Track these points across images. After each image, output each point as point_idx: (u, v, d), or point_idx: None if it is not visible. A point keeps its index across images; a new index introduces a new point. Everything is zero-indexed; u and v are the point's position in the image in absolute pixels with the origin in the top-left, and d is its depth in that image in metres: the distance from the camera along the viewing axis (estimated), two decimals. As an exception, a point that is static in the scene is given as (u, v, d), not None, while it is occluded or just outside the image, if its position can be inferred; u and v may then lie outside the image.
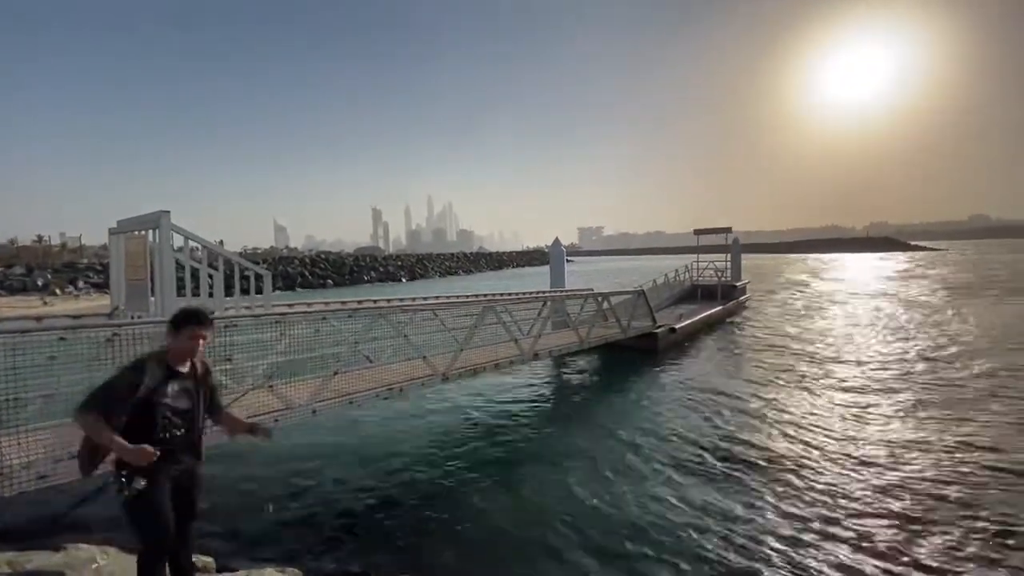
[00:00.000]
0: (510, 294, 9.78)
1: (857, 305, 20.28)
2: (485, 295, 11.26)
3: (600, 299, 10.10)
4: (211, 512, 4.39)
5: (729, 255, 20.72)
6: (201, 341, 2.56)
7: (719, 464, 5.59)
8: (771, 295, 25.13)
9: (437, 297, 8.42)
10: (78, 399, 2.39)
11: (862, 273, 41.89)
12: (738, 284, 20.02)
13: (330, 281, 44.96)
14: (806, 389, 8.50)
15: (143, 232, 5.34)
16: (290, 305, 7.71)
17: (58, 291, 32.32)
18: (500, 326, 7.75)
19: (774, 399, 7.98)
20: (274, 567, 3.51)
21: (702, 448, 6.06)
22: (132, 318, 5.07)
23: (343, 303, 6.85)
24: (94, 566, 3.18)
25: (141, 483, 2.33)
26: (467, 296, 8.28)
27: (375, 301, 7.61)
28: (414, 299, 8.19)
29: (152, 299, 5.64)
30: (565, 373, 10.45)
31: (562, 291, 12.29)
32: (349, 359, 5.63)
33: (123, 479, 2.33)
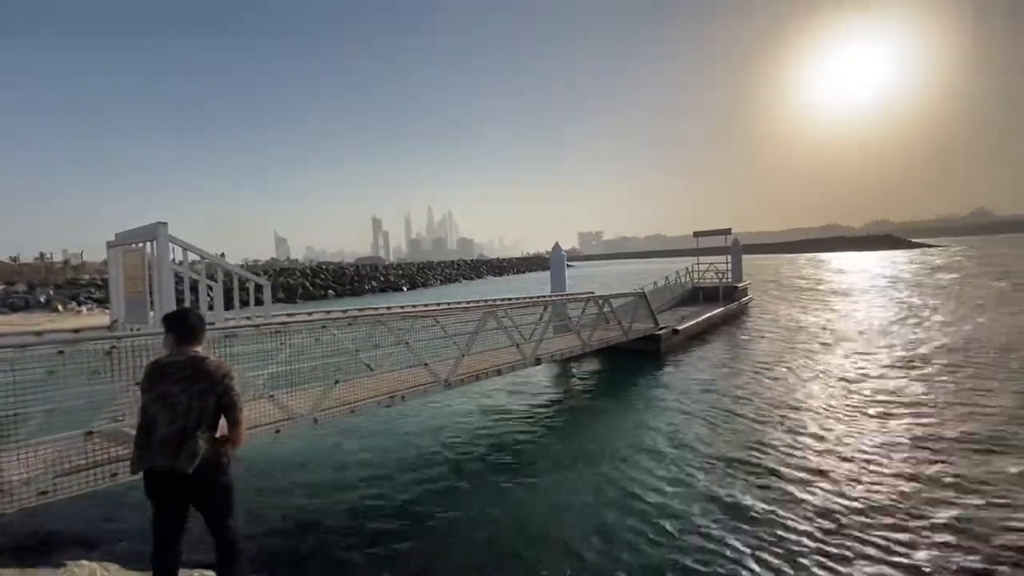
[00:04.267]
0: (511, 299, 9.75)
1: (858, 303, 20.25)
2: (486, 301, 11.24)
3: (601, 302, 10.07)
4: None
5: (729, 257, 20.71)
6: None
7: (728, 468, 5.53)
8: (772, 295, 25.06)
9: (438, 304, 8.40)
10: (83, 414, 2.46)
11: (860, 272, 41.80)
12: (739, 285, 19.98)
13: (331, 291, 44.97)
14: (813, 389, 8.44)
15: (141, 244, 5.34)
16: (290, 315, 7.69)
17: (60, 308, 32.38)
18: (502, 331, 7.72)
19: (781, 400, 7.92)
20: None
21: (710, 451, 6.01)
22: (131, 331, 5.05)
23: (343, 311, 6.83)
24: (95, 582, 3.14)
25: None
26: (468, 302, 8.27)
27: (375, 309, 7.59)
28: (415, 306, 8.16)
29: (151, 312, 5.62)
30: (568, 377, 10.42)
31: (563, 295, 12.26)
32: (350, 368, 5.61)
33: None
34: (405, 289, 51.26)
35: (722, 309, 16.89)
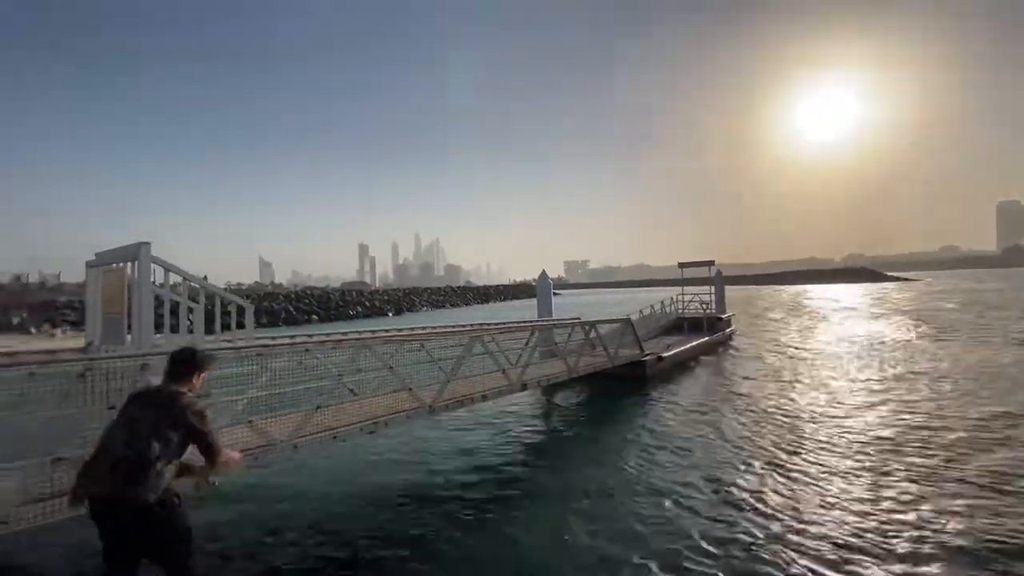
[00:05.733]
0: (498, 324, 9.76)
1: (838, 333, 20.63)
2: (472, 325, 11.21)
3: (588, 328, 10.11)
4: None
5: (713, 288, 21.04)
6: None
7: (711, 496, 5.48)
8: (754, 326, 25.39)
9: (424, 328, 8.34)
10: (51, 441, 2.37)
11: (839, 303, 42.72)
12: (723, 316, 20.25)
13: (315, 316, 44.42)
14: (794, 416, 8.48)
15: (122, 265, 5.26)
16: (273, 338, 7.56)
17: (33, 330, 31.39)
18: (487, 356, 7.68)
19: (763, 428, 7.93)
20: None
21: (693, 478, 5.96)
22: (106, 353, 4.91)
23: (327, 335, 6.74)
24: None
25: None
26: (455, 326, 8.24)
27: (360, 333, 7.51)
28: (400, 330, 8.09)
29: (129, 335, 5.49)
30: (554, 403, 10.34)
31: (549, 320, 12.28)
32: (333, 392, 5.50)
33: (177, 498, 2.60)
34: (391, 315, 50.86)
35: (707, 338, 17.05)
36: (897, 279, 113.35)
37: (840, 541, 4.40)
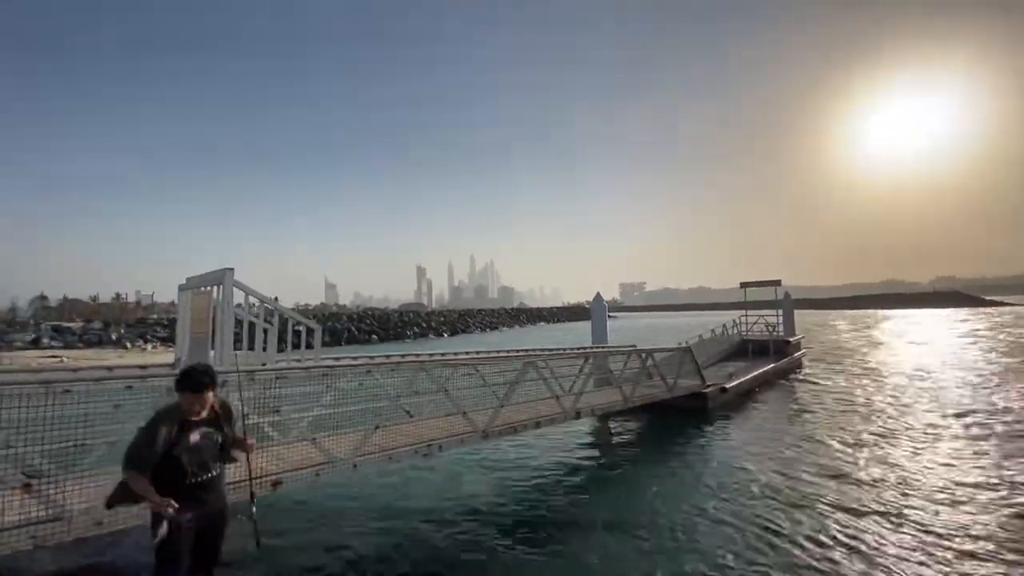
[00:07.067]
0: (551, 350, 9.70)
1: (932, 363, 18.69)
2: (526, 350, 11.23)
3: (644, 356, 9.83)
4: (247, 568, 4.38)
5: (780, 310, 19.92)
6: (198, 405, 2.72)
7: (779, 541, 5.10)
8: (828, 352, 23.57)
9: (478, 352, 8.46)
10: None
11: (932, 328, 38.85)
12: (792, 340, 19.04)
13: (375, 336, 46.13)
14: (879, 454, 7.76)
15: (208, 288, 5.76)
16: (337, 359, 7.94)
17: (128, 345, 34.68)
18: (541, 382, 7.64)
19: (842, 466, 7.30)
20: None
21: (761, 521, 5.56)
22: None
23: (387, 357, 6.99)
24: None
25: (164, 530, 2.55)
26: (508, 351, 8.29)
27: (417, 356, 7.73)
28: (456, 354, 8.25)
29: (212, 352, 5.96)
30: (608, 433, 10.03)
31: (604, 347, 12.07)
32: (390, 413, 5.67)
33: (152, 527, 2.63)
34: (446, 335, 51.87)
35: (773, 365, 16.05)
36: (996, 303, 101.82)
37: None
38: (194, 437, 2.67)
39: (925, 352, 22.85)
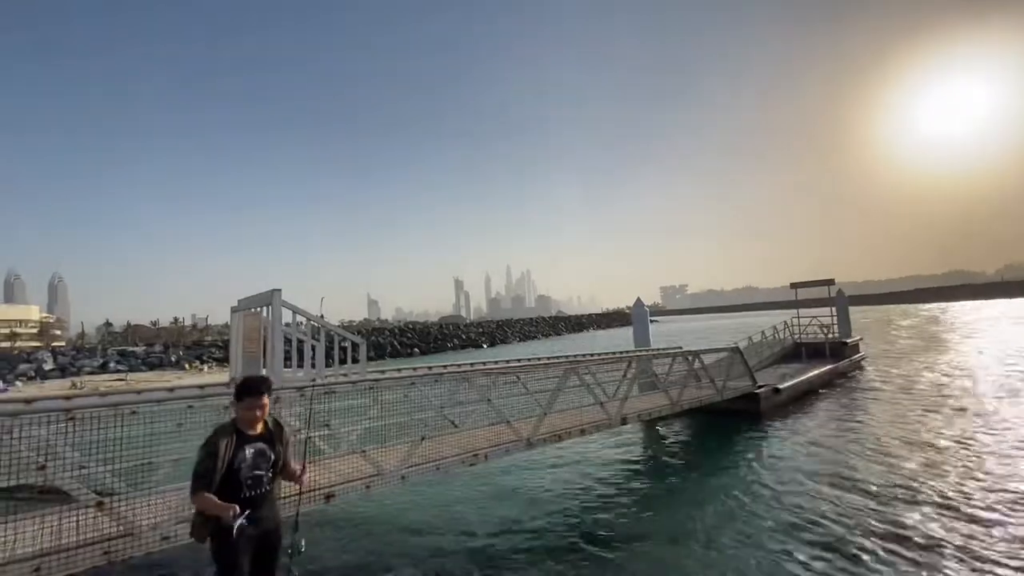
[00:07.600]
0: (593, 355, 9.53)
1: (1007, 363, 17.26)
2: (567, 357, 11.09)
3: (691, 358, 9.51)
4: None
5: (833, 308, 18.90)
6: (259, 410, 2.82)
7: (843, 547, 4.76)
8: (888, 352, 21.99)
9: (519, 360, 8.41)
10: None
11: (1003, 322, 35.90)
12: (848, 341, 18.00)
13: (416, 349, 46.90)
14: (946, 459, 7.18)
15: (259, 309, 5.99)
16: (382, 372, 8.08)
17: (187, 366, 36.59)
18: (584, 389, 7.50)
19: (907, 469, 6.80)
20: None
21: (822, 528, 5.22)
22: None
23: (429, 368, 7.05)
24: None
25: (237, 524, 2.60)
26: (549, 358, 8.21)
27: (459, 365, 7.76)
28: (496, 362, 8.23)
29: (264, 370, 6.18)
30: (656, 440, 9.74)
31: (648, 350, 11.76)
32: (435, 424, 5.69)
33: (211, 538, 2.68)
34: (485, 346, 52.12)
35: (830, 367, 15.18)
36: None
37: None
38: (249, 452, 2.73)
39: (1004, 350, 21.05)
